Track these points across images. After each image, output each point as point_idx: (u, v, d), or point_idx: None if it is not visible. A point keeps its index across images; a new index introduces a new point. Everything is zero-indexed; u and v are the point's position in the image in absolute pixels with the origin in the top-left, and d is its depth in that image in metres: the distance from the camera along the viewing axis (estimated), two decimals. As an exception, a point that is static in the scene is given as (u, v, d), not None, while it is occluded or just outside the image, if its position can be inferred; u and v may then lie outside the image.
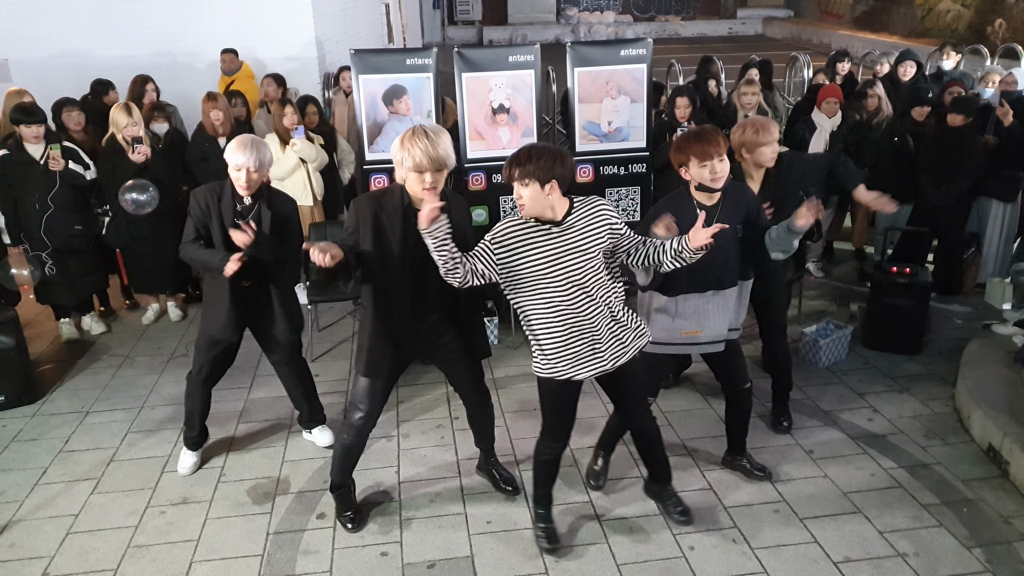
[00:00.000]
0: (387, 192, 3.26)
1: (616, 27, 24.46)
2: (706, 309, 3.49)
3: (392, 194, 3.23)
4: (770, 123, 3.85)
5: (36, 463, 4.21)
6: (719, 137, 3.30)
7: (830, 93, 6.11)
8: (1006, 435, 3.88)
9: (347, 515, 3.63)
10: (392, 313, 3.33)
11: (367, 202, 3.24)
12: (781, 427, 4.27)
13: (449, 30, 23.96)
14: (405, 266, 3.23)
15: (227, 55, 7.75)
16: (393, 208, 3.19)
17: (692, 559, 3.36)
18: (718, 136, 3.30)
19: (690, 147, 3.31)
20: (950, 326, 5.48)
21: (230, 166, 3.57)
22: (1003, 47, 9.97)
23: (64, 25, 8.35)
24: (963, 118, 5.43)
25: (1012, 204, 5.78)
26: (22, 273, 5.03)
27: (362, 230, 3.20)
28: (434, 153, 2.99)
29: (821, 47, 18.61)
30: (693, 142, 3.31)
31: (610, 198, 5.94)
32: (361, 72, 5.49)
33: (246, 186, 3.58)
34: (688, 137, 3.36)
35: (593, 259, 3.00)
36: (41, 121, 5.14)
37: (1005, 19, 15.24)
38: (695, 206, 3.37)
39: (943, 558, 3.32)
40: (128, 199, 5.00)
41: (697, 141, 3.30)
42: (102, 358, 5.41)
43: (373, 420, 3.52)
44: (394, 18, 15.03)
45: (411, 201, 3.17)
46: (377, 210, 3.19)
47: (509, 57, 5.60)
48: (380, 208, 3.20)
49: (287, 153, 5.50)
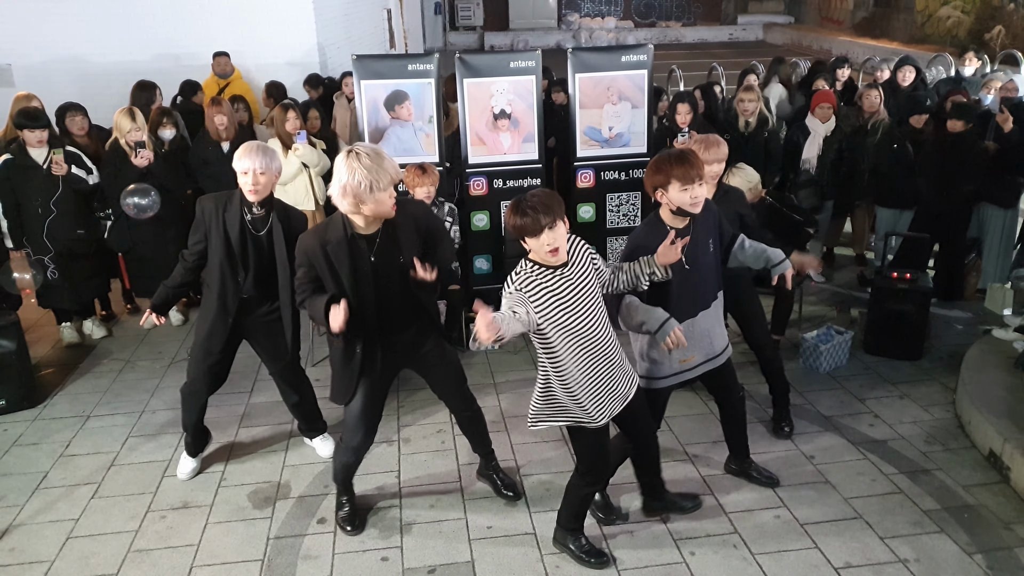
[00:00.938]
0: (330, 225, 3.18)
1: (617, 33, 24.51)
2: (696, 332, 3.41)
3: (335, 226, 3.15)
4: (720, 142, 3.79)
5: (37, 467, 4.21)
6: (700, 160, 3.19)
7: (824, 99, 6.14)
8: (1007, 440, 3.88)
9: (346, 516, 3.65)
10: (356, 341, 3.28)
11: (312, 238, 3.16)
12: (782, 432, 4.27)
13: (451, 35, 24.02)
14: (361, 295, 3.19)
15: (220, 58, 7.77)
16: (337, 241, 3.13)
17: (693, 564, 3.36)
18: (699, 159, 3.19)
19: (672, 169, 3.12)
20: (951, 331, 5.48)
21: (238, 173, 3.53)
22: (1003, 53, 9.99)
23: (67, 30, 8.39)
24: (963, 124, 5.45)
25: (1012, 210, 5.79)
26: (24, 277, 5.05)
27: (317, 267, 3.16)
28: (389, 161, 3.02)
29: (821, 53, 18.62)
30: (676, 164, 3.12)
31: (611, 203, 5.95)
32: (363, 77, 5.50)
33: (253, 189, 3.53)
34: (669, 159, 3.16)
35: (599, 293, 3.02)
36: (44, 126, 5.15)
37: (1004, 25, 15.27)
38: (667, 232, 3.19)
39: (944, 564, 3.32)
40: (130, 203, 5.01)
41: (680, 163, 3.12)
42: (103, 362, 5.41)
43: (370, 439, 3.52)
44: (396, 24, 15.07)
45: (355, 231, 3.14)
46: (324, 244, 3.13)
47: (510, 63, 5.62)
48: (326, 242, 3.13)
49: (289, 158, 5.51)
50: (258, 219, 3.64)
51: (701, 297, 3.40)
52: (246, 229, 3.63)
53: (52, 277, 5.31)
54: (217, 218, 3.62)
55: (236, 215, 3.61)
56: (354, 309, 3.13)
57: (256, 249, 3.66)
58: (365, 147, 3.02)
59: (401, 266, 3.20)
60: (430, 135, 5.62)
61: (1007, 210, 5.76)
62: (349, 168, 2.96)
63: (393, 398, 4.81)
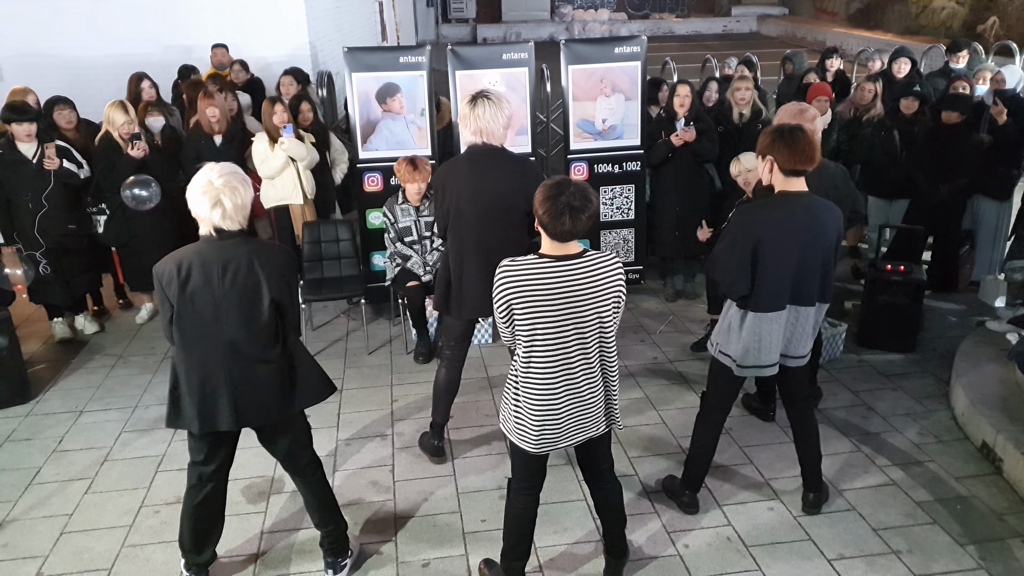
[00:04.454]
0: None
1: (610, 25, 24.46)
2: (787, 326, 3.29)
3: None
4: (810, 107, 3.77)
5: (30, 463, 4.20)
6: (816, 153, 3.12)
7: (820, 91, 6.12)
8: (999, 432, 3.89)
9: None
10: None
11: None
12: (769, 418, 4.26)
13: (443, 28, 23.92)
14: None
15: (218, 49, 7.79)
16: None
17: (686, 557, 3.36)
18: (816, 151, 3.12)
19: (797, 153, 3.07)
20: (944, 324, 5.49)
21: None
22: (997, 45, 9.99)
23: (56, 23, 8.32)
24: (958, 115, 5.45)
25: (1006, 202, 5.80)
26: (15, 273, 5.01)
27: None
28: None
29: (816, 45, 18.63)
30: (805, 147, 3.07)
31: (605, 196, 5.94)
32: (354, 70, 5.47)
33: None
34: (802, 140, 3.08)
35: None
36: (32, 119, 5.10)
37: (999, 16, 15.27)
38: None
39: (937, 555, 3.33)
40: (130, 195, 4.99)
41: (809, 151, 3.07)
42: (96, 358, 5.39)
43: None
44: (387, 16, 15.00)
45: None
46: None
47: (503, 55, 5.60)
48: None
49: (276, 151, 5.48)
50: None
51: (796, 290, 3.24)
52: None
53: (44, 273, 5.27)
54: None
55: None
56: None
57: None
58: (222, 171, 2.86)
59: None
60: (422, 128, 5.60)
61: (1001, 202, 5.78)
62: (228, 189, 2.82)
63: (387, 392, 4.81)
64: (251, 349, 2.87)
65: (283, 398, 2.98)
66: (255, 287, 2.81)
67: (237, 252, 2.81)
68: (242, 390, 2.90)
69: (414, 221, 5.15)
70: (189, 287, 2.79)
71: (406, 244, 5.18)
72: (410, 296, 5.08)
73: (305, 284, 5.42)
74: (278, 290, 2.85)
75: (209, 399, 2.89)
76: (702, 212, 5.57)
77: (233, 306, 2.80)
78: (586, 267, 2.71)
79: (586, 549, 3.41)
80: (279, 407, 2.99)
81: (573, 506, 3.69)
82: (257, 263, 2.82)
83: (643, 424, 4.37)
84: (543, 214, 2.65)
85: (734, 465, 3.98)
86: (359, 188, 5.75)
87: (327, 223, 5.71)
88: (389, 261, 5.27)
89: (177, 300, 2.80)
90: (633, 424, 4.35)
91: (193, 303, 2.80)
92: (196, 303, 2.80)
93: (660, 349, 5.27)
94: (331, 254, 5.57)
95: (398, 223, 5.16)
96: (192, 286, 2.79)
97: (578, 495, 3.76)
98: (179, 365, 2.91)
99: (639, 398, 4.65)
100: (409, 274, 5.13)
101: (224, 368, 2.86)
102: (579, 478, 3.84)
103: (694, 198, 5.68)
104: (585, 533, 3.51)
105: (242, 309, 2.82)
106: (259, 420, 3.02)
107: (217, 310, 2.80)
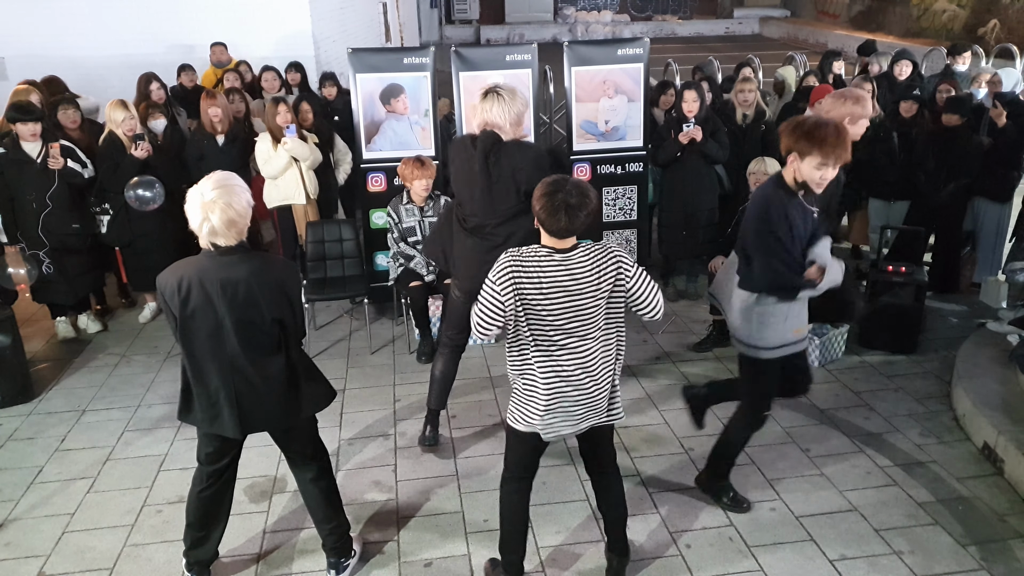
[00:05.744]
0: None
1: (613, 26, 24.49)
2: (805, 304, 3.32)
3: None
4: (865, 95, 3.67)
5: (32, 462, 4.21)
6: (848, 143, 3.02)
7: (823, 93, 6.11)
8: (1001, 433, 3.89)
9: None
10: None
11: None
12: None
13: (447, 29, 23.96)
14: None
15: (217, 47, 7.79)
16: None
17: (688, 557, 3.37)
18: (847, 141, 3.02)
19: (826, 144, 2.95)
20: (945, 325, 5.49)
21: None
22: (998, 47, 9.99)
23: (61, 22, 8.35)
24: (958, 118, 5.46)
25: (1007, 204, 5.80)
26: (19, 272, 5.03)
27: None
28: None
29: (818, 47, 18.64)
30: (832, 137, 2.96)
31: (607, 197, 5.95)
32: (358, 71, 5.49)
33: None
34: (828, 130, 2.99)
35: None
36: (37, 119, 5.11)
37: (1000, 19, 15.28)
38: (801, 203, 3.11)
39: (938, 556, 3.34)
40: (134, 195, 5.00)
41: (836, 140, 2.95)
42: (98, 357, 5.40)
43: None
44: (391, 17, 15.03)
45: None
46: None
47: (507, 56, 5.61)
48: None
49: (279, 151, 5.49)
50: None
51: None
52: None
53: (47, 272, 5.28)
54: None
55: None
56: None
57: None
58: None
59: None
60: (426, 128, 5.61)
61: (1001, 204, 5.78)
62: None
63: (390, 392, 4.81)
64: (253, 364, 2.88)
65: (286, 408, 3.01)
66: (255, 308, 2.81)
67: (236, 272, 2.78)
68: (246, 402, 2.92)
69: (418, 221, 5.16)
70: (190, 305, 2.79)
71: (409, 244, 5.19)
72: (413, 296, 5.10)
73: (308, 284, 5.43)
74: (279, 309, 2.86)
75: (215, 407, 2.93)
76: (710, 212, 5.58)
77: (233, 326, 2.81)
78: (582, 258, 2.75)
79: (588, 548, 3.42)
80: (283, 416, 3.02)
81: (575, 505, 3.69)
82: (256, 285, 2.80)
83: (645, 423, 4.38)
84: (540, 210, 2.69)
85: (736, 465, 3.97)
86: (363, 188, 5.76)
87: (330, 223, 5.72)
88: (392, 261, 5.28)
89: (179, 315, 2.81)
90: (635, 423, 4.36)
91: (194, 320, 2.81)
92: (197, 320, 2.81)
93: (662, 349, 5.28)
94: (334, 254, 5.58)
95: (402, 223, 5.17)
96: (192, 304, 2.79)
97: (580, 495, 3.76)
98: (188, 370, 2.94)
99: (641, 397, 4.65)
100: (412, 274, 5.14)
101: (228, 381, 2.88)
102: (581, 478, 3.86)
103: (702, 198, 5.67)
104: (587, 533, 3.51)
105: (242, 328, 2.82)
106: (263, 429, 3.06)
107: (218, 328, 2.81)
